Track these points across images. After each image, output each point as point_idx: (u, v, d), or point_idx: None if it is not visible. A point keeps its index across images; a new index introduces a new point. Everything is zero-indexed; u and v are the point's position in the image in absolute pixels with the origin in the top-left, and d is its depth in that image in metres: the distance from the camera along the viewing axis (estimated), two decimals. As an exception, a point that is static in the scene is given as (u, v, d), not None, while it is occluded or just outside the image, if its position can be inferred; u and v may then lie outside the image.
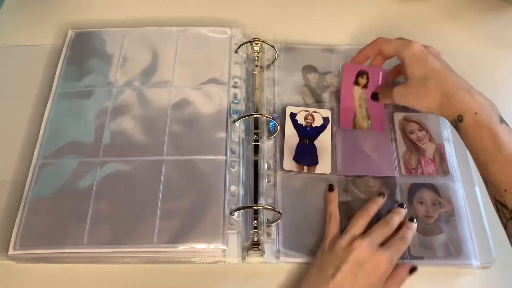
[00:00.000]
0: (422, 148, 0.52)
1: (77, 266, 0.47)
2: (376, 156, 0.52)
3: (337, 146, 0.52)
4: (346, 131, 0.53)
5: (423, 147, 0.52)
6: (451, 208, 0.49)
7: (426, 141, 0.53)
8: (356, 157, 0.52)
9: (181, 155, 0.50)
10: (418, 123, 0.54)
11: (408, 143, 0.52)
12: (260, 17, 0.63)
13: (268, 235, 0.48)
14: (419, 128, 0.53)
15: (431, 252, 0.46)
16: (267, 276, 0.47)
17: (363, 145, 0.53)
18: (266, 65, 0.58)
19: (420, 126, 0.53)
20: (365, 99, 0.54)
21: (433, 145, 0.52)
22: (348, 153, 0.52)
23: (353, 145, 0.53)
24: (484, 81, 0.58)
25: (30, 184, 0.49)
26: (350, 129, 0.53)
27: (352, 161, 0.51)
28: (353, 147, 0.52)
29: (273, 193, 0.50)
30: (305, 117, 0.54)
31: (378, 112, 0.54)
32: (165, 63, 0.57)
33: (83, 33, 0.60)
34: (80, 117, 0.53)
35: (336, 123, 0.54)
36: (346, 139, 0.53)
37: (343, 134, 0.53)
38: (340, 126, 0.53)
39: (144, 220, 0.47)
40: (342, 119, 0.54)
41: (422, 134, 0.53)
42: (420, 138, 0.53)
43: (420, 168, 0.51)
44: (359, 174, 0.51)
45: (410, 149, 0.52)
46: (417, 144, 0.52)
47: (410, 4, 0.65)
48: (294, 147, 0.52)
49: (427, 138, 0.53)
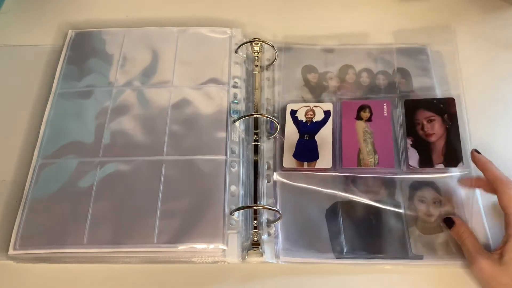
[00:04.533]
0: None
1: (77, 266, 0.47)
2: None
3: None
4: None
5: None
6: (451, 207, 0.49)
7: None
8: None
9: (181, 155, 0.50)
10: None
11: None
12: (260, 17, 0.63)
13: (268, 235, 0.48)
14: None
15: (431, 251, 0.46)
16: (267, 276, 0.46)
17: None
18: (266, 65, 0.58)
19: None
20: (370, 133, 0.51)
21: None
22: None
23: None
24: (484, 81, 0.58)
25: (30, 184, 0.49)
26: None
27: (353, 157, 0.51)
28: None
29: (273, 193, 0.50)
30: (306, 112, 0.54)
31: (386, 145, 0.50)
32: (165, 63, 0.57)
33: (83, 33, 0.60)
34: (80, 117, 0.53)
35: (338, 115, 0.53)
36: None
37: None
38: (342, 165, 0.50)
39: (144, 220, 0.47)
40: (345, 157, 0.50)
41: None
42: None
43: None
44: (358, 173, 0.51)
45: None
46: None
47: (410, 4, 0.65)
48: (294, 144, 0.52)
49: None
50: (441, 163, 0.49)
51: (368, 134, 0.51)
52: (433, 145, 0.50)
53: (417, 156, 0.50)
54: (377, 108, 0.53)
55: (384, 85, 0.57)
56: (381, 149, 0.51)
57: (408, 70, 0.58)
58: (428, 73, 0.57)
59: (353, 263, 0.47)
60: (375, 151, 0.51)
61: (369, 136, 0.51)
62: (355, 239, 0.47)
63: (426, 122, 0.52)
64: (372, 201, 0.49)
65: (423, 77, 0.57)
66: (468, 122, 0.53)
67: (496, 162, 0.47)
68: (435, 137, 0.51)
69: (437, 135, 0.51)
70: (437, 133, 0.51)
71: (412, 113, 0.53)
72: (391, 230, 0.48)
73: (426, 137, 0.51)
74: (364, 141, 0.51)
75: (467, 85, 0.57)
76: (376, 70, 0.58)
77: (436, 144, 0.50)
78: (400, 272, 0.46)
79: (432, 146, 0.51)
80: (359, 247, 0.47)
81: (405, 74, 0.58)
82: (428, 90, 0.56)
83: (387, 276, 0.46)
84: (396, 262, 0.46)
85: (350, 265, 0.47)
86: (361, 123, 0.52)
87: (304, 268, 0.47)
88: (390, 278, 0.46)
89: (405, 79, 0.57)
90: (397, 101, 0.54)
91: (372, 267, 0.47)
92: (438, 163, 0.49)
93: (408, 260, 0.46)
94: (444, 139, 0.50)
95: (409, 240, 0.47)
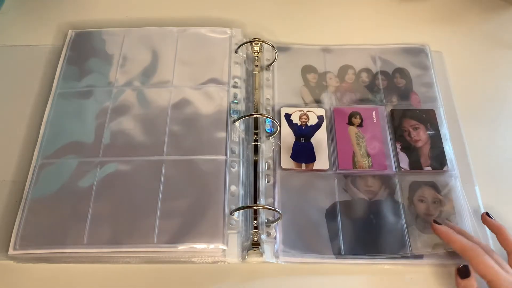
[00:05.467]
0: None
1: (77, 266, 0.47)
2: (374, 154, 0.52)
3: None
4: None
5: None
6: (451, 206, 0.49)
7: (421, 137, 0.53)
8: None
9: (181, 155, 0.50)
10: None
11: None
12: (260, 17, 0.63)
13: (268, 235, 0.48)
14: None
15: (431, 251, 0.46)
16: (267, 276, 0.47)
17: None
18: (266, 65, 0.58)
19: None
20: (362, 137, 0.53)
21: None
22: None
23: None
24: (484, 81, 0.59)
25: (30, 184, 0.49)
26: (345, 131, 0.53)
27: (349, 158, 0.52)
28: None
29: (273, 193, 0.50)
30: (300, 116, 0.54)
31: (378, 148, 0.52)
32: (165, 63, 0.57)
33: (83, 33, 0.60)
34: (80, 117, 0.53)
35: (331, 120, 0.54)
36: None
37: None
38: (338, 167, 0.51)
39: (144, 220, 0.47)
40: (341, 159, 0.52)
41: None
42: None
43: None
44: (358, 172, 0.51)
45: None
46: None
47: (410, 4, 0.65)
48: (291, 146, 0.53)
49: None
50: (429, 165, 0.51)
51: (360, 138, 0.53)
52: (420, 150, 0.53)
53: (407, 159, 0.52)
54: (367, 115, 0.55)
55: (384, 85, 0.57)
56: (373, 152, 0.52)
57: (407, 70, 0.58)
58: (428, 73, 0.58)
59: (353, 263, 0.47)
60: (368, 154, 0.52)
61: (362, 140, 0.53)
62: (355, 239, 0.47)
63: (411, 130, 0.54)
64: (371, 200, 0.49)
65: (423, 77, 0.57)
66: (461, 127, 0.54)
67: (495, 162, 0.47)
68: (421, 142, 0.53)
69: (422, 141, 0.53)
70: (422, 139, 0.53)
71: (399, 121, 0.54)
72: (391, 230, 0.48)
73: (413, 142, 0.53)
74: (357, 144, 0.53)
75: (467, 85, 0.57)
76: (375, 70, 0.58)
77: (422, 148, 0.53)
78: (400, 272, 0.46)
79: (420, 150, 0.53)
80: (358, 247, 0.47)
81: (405, 74, 0.58)
82: (428, 90, 0.56)
83: (387, 276, 0.46)
84: (395, 262, 0.46)
85: (350, 265, 0.47)
86: (353, 128, 0.54)
87: (303, 268, 0.47)
88: (390, 278, 0.46)
89: (405, 79, 0.57)
90: (385, 110, 0.55)
91: (372, 267, 0.47)
92: (426, 166, 0.51)
93: (408, 260, 0.46)
94: (429, 145, 0.53)
95: (409, 239, 0.47)
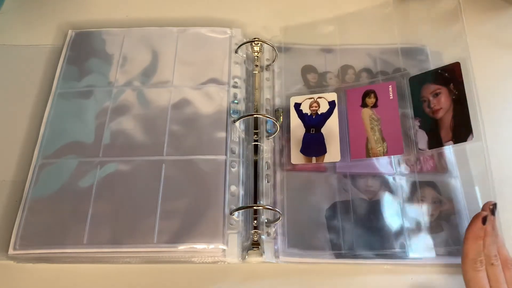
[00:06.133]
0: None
1: (77, 266, 0.47)
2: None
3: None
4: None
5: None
6: (451, 206, 0.49)
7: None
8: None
9: (181, 155, 0.50)
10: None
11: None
12: (260, 17, 0.63)
13: (268, 235, 0.48)
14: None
15: (431, 251, 0.46)
16: (267, 276, 0.47)
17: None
18: (266, 65, 0.58)
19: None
20: (377, 119, 0.50)
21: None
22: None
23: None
24: (484, 81, 0.58)
25: (30, 184, 0.49)
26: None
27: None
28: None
29: (273, 193, 0.50)
30: (310, 105, 0.53)
31: (395, 131, 0.49)
32: (165, 63, 0.57)
33: (83, 33, 0.60)
34: (80, 117, 0.53)
35: (343, 105, 0.52)
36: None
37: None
38: (351, 158, 0.49)
39: (144, 220, 0.47)
40: (353, 149, 0.50)
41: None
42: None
43: (419, 165, 0.51)
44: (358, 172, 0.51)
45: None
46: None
47: (410, 4, 0.65)
48: (301, 139, 0.52)
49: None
50: (450, 140, 0.48)
51: (375, 121, 0.51)
52: (441, 122, 0.49)
53: (425, 137, 0.49)
54: (382, 91, 0.51)
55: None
56: (389, 136, 0.49)
57: (407, 70, 0.58)
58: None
59: (353, 263, 0.47)
60: (383, 139, 0.50)
61: (376, 123, 0.50)
62: (355, 239, 0.47)
63: (432, 98, 0.50)
64: (371, 200, 0.49)
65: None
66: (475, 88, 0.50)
67: (495, 163, 0.46)
68: (442, 111, 0.49)
69: (444, 109, 0.49)
70: (444, 107, 0.49)
71: (418, 91, 0.51)
72: (391, 230, 0.48)
73: (433, 114, 0.50)
74: (371, 129, 0.50)
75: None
76: (375, 70, 0.58)
77: (443, 119, 0.49)
78: (400, 272, 0.46)
79: (440, 122, 0.49)
80: (358, 247, 0.47)
81: (405, 74, 0.58)
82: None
83: (387, 276, 0.46)
84: (395, 262, 0.46)
85: (350, 265, 0.47)
86: (367, 111, 0.51)
87: (304, 268, 0.47)
88: (390, 278, 0.46)
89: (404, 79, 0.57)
90: (402, 80, 0.53)
91: (372, 267, 0.47)
92: (447, 141, 0.48)
93: (408, 260, 0.46)
94: (452, 113, 0.49)
95: (409, 240, 0.47)
